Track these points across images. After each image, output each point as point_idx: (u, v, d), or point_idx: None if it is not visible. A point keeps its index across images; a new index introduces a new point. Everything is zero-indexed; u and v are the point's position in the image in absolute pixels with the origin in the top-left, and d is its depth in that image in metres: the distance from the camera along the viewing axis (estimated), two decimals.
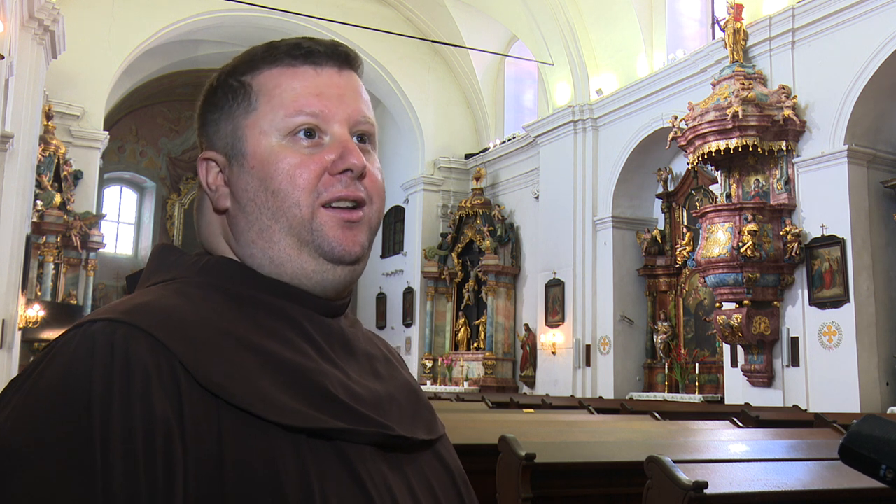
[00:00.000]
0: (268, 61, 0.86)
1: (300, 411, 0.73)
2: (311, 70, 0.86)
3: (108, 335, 0.70)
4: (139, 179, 23.26)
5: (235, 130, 0.85)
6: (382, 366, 0.89)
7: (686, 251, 11.91)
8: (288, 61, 0.86)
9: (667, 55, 13.39)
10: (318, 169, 0.83)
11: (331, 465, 0.74)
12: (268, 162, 0.83)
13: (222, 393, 0.71)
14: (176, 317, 0.74)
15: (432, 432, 0.87)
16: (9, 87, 9.73)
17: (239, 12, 15.75)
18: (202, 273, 0.84)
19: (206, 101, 0.89)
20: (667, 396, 12.42)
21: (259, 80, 0.86)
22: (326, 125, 0.85)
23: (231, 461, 0.69)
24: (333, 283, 0.85)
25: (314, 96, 0.85)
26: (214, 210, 0.87)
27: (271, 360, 0.76)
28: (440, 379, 17.20)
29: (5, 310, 10.00)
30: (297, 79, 0.85)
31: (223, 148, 0.86)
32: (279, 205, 0.82)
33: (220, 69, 0.89)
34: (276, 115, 0.84)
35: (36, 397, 0.67)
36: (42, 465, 0.64)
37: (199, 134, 0.90)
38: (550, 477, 3.52)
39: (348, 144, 0.84)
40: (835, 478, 3.12)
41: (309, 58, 0.86)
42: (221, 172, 0.86)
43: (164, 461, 0.67)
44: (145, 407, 0.67)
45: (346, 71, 0.89)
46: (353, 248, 0.84)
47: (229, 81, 0.87)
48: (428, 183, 18.59)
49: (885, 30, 9.33)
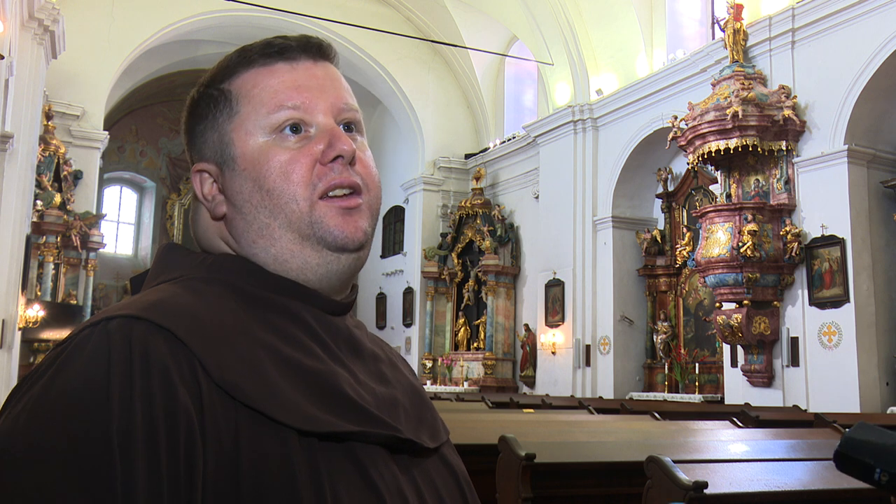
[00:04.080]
0: (243, 65, 0.87)
1: (314, 415, 0.73)
2: (286, 66, 0.86)
3: (125, 332, 0.70)
4: (139, 179, 23.26)
5: (222, 137, 0.86)
6: (387, 368, 0.89)
7: (686, 251, 11.91)
8: (262, 61, 0.86)
9: (667, 55, 13.39)
10: (310, 161, 0.83)
11: (342, 466, 0.74)
12: (258, 162, 0.83)
13: (237, 393, 0.71)
14: (192, 314, 0.74)
15: (436, 438, 0.87)
16: (9, 87, 9.72)
17: (239, 12, 15.74)
18: (210, 270, 0.84)
19: (189, 114, 0.89)
20: (667, 396, 12.42)
21: (237, 84, 0.86)
22: (310, 117, 0.85)
23: (247, 460, 0.69)
24: (339, 272, 0.85)
25: (293, 89, 0.85)
26: (212, 218, 0.87)
27: (284, 360, 0.76)
28: (440, 379, 17.20)
29: (5, 310, 9.99)
30: (273, 76, 0.86)
31: (213, 157, 0.86)
32: (276, 202, 0.82)
33: (199, 81, 0.90)
34: (259, 113, 0.84)
35: (54, 395, 0.67)
36: (58, 465, 0.63)
37: (188, 148, 0.90)
38: (550, 477, 3.52)
39: (335, 132, 0.85)
40: (835, 478, 3.12)
41: (282, 54, 0.87)
42: (215, 182, 0.86)
43: (186, 458, 0.67)
44: (167, 399, 0.67)
45: (322, 62, 0.89)
46: (355, 235, 0.84)
47: (209, 91, 0.87)
48: (428, 183, 18.59)
49: (885, 30, 9.33)
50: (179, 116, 0.93)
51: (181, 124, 0.91)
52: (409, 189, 19.02)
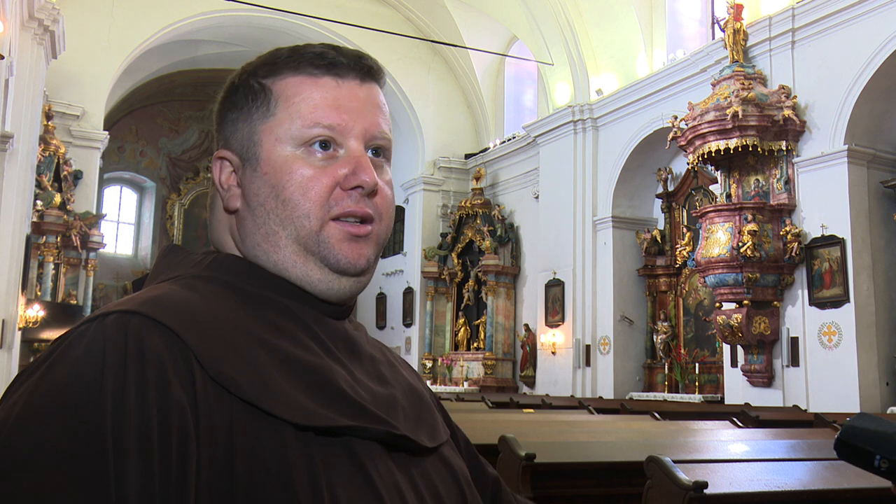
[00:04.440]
0: (291, 67, 0.86)
1: (310, 409, 0.73)
2: (332, 81, 0.86)
3: (121, 326, 0.70)
4: (139, 179, 23.26)
5: (252, 134, 0.85)
6: (386, 369, 0.89)
7: (686, 251, 11.91)
8: (310, 70, 0.86)
9: (667, 55, 13.39)
10: (331, 182, 0.83)
11: (339, 460, 0.74)
12: (281, 170, 0.83)
13: (232, 386, 0.71)
14: (188, 309, 0.75)
15: (435, 438, 0.87)
16: (9, 87, 9.72)
17: (239, 12, 15.74)
18: (210, 269, 0.84)
19: (225, 98, 0.89)
20: (667, 396, 12.42)
21: (280, 85, 0.85)
22: (342, 138, 0.84)
23: (242, 454, 0.69)
24: (339, 293, 0.85)
25: (332, 108, 0.84)
26: (224, 209, 0.88)
27: (281, 356, 0.76)
28: (440, 379, 17.20)
29: (5, 310, 9.99)
30: (317, 89, 0.85)
31: (238, 149, 0.86)
32: (288, 213, 0.83)
33: (243, 67, 0.89)
34: (294, 124, 0.84)
35: (48, 390, 0.67)
36: (51, 467, 0.63)
37: (216, 130, 0.90)
38: (550, 477, 3.51)
39: (361, 160, 0.84)
40: (835, 478, 3.12)
41: (332, 69, 0.86)
42: (235, 173, 0.86)
43: (179, 451, 0.67)
44: (161, 393, 0.67)
45: (368, 83, 0.88)
46: (358, 262, 0.84)
47: (251, 82, 0.87)
48: (428, 183, 18.59)
49: (885, 30, 9.32)
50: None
51: (215, 104, 0.90)
52: (409, 189, 19.03)
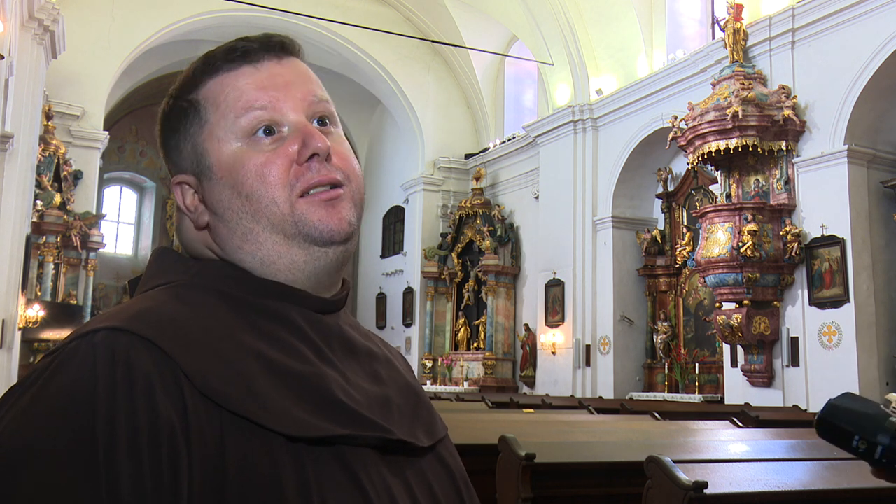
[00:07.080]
0: (208, 73, 0.86)
1: (301, 419, 0.73)
2: (250, 68, 0.86)
3: (109, 344, 0.70)
4: (139, 179, 23.26)
5: (195, 147, 0.85)
6: (382, 367, 0.89)
7: (686, 251, 11.91)
8: (226, 67, 0.86)
9: (667, 55, 13.39)
10: (286, 162, 0.82)
11: (331, 470, 0.73)
12: (234, 168, 0.83)
13: (221, 399, 0.71)
14: (176, 323, 0.74)
15: (432, 436, 0.87)
16: (9, 87, 9.72)
17: (239, 12, 15.73)
18: (197, 277, 0.84)
19: (162, 128, 0.89)
20: (667, 396, 12.42)
21: (203, 93, 0.86)
22: (281, 116, 0.84)
23: (232, 466, 0.69)
24: (327, 267, 0.84)
25: (258, 90, 0.84)
26: (196, 228, 0.87)
27: (271, 365, 0.75)
28: (440, 379, 17.20)
29: (5, 310, 10.00)
30: (239, 79, 0.85)
31: (190, 168, 0.86)
32: (256, 206, 0.82)
33: (168, 93, 0.89)
34: (228, 119, 0.84)
35: (41, 404, 0.67)
36: (46, 470, 0.64)
37: (165, 161, 0.90)
38: (550, 477, 3.51)
39: (308, 129, 0.84)
40: (835, 478, 3.12)
41: (246, 57, 0.86)
42: (196, 193, 0.86)
43: (169, 463, 0.67)
44: (149, 409, 0.68)
45: (287, 59, 0.88)
46: (340, 226, 0.83)
47: (178, 104, 0.87)
48: (428, 183, 18.58)
49: (885, 30, 9.32)
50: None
51: (156, 138, 0.90)
52: (409, 189, 19.02)
